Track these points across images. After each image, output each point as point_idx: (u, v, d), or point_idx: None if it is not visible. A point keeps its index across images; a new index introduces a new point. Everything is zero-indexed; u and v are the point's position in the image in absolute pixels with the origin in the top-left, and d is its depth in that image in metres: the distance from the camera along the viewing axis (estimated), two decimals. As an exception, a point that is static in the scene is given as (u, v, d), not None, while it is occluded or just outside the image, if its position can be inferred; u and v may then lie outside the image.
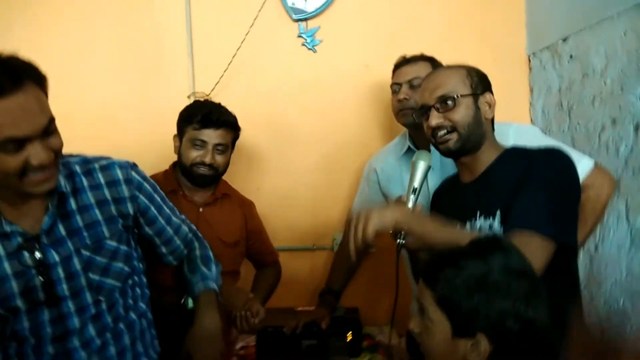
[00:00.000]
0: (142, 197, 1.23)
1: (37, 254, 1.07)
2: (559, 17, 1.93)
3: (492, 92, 1.30)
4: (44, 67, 1.05)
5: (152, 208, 1.26)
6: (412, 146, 1.69)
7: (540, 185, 1.14)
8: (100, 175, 1.15)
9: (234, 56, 2.11)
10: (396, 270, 1.15)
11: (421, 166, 1.23)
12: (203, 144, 1.66)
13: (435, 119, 1.25)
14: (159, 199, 1.29)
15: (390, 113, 2.11)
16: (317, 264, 2.17)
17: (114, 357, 1.17)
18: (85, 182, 1.14)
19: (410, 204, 1.20)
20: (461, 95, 1.24)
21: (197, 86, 2.17)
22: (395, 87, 1.68)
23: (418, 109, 1.32)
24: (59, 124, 1.03)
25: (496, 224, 1.18)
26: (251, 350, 1.82)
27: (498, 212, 1.18)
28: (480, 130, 1.26)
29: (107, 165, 1.17)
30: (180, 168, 1.71)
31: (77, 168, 1.14)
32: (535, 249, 1.06)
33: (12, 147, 0.94)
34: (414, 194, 1.21)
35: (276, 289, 1.92)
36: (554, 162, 1.18)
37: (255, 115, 2.16)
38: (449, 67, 1.32)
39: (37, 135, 0.96)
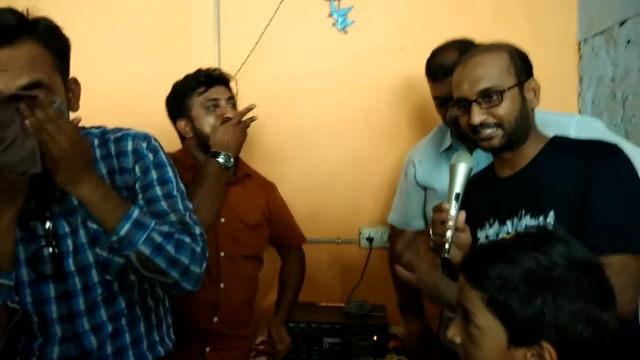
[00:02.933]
0: (137, 167, 1.09)
1: (47, 223, 1.02)
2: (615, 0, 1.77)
3: (534, 77, 1.17)
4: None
5: (145, 179, 1.09)
6: (454, 143, 1.57)
7: (615, 193, 1.02)
8: (112, 146, 1.10)
9: (261, 35, 2.01)
10: None
11: (462, 169, 1.12)
12: (216, 102, 1.59)
13: (477, 115, 1.11)
14: (157, 174, 1.10)
15: (425, 102, 1.99)
16: (341, 257, 2.06)
17: (128, 345, 1.11)
18: (98, 153, 1.08)
19: (453, 212, 1.10)
20: (507, 88, 1.10)
21: (223, 67, 2.08)
22: (439, 101, 1.50)
23: (454, 102, 1.18)
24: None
25: (549, 224, 1.06)
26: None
27: (551, 213, 1.06)
28: (526, 123, 1.14)
29: (121, 136, 1.11)
30: (202, 146, 1.60)
31: (95, 140, 1.10)
32: (637, 273, 0.97)
33: None
34: (457, 200, 1.11)
35: (302, 283, 1.82)
36: (620, 162, 1.05)
37: (281, 99, 2.08)
38: (488, 52, 1.15)
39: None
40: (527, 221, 1.10)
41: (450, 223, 1.09)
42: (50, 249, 1.02)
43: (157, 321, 1.19)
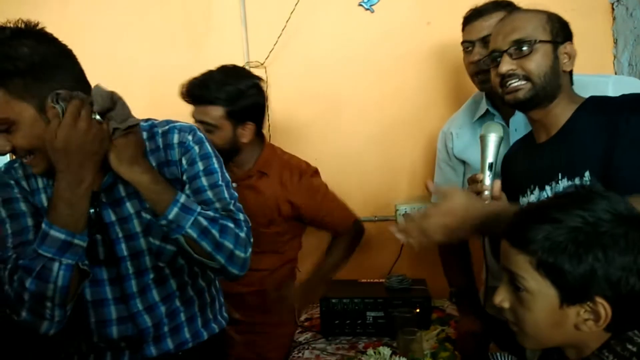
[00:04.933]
0: (184, 159, 1.12)
1: (91, 210, 1.04)
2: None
3: (572, 43, 1.15)
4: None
5: (192, 170, 1.13)
6: (491, 109, 1.55)
7: None
8: (160, 139, 1.13)
9: (287, 20, 2.03)
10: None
11: (492, 139, 1.13)
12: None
13: (506, 65, 1.11)
14: (203, 165, 1.13)
15: (455, 75, 1.99)
16: (379, 235, 2.09)
17: (184, 322, 1.18)
18: (147, 146, 1.12)
19: (487, 181, 1.11)
20: (539, 41, 1.10)
21: (251, 55, 2.12)
22: (467, 45, 1.52)
23: (488, 55, 1.19)
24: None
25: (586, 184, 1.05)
26: (315, 321, 1.78)
27: (587, 174, 1.05)
28: (556, 82, 1.12)
29: (168, 129, 1.14)
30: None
31: (144, 134, 1.12)
32: None
33: None
34: (490, 170, 1.11)
35: (350, 255, 1.82)
36: None
37: (310, 82, 2.10)
38: (528, 10, 1.18)
39: None
40: (565, 184, 1.09)
41: (487, 193, 1.09)
42: (99, 236, 1.08)
43: (210, 300, 1.25)
